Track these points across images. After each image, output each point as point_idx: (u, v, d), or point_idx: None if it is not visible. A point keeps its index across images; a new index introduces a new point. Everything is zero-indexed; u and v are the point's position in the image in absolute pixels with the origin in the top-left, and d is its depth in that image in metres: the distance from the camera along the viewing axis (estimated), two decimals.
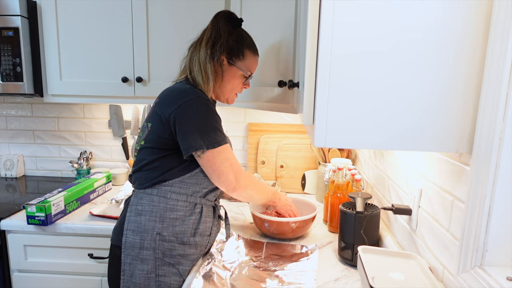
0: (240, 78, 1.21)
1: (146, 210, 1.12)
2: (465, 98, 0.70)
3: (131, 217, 1.13)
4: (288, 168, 1.93)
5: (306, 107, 0.77)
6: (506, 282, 0.65)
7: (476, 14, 0.67)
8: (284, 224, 1.29)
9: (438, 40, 0.68)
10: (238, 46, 1.17)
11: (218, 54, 1.14)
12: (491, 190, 0.68)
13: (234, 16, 1.19)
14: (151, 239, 1.10)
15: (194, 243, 1.15)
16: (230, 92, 1.23)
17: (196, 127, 1.07)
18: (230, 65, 1.17)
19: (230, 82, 1.20)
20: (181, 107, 1.07)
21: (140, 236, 1.10)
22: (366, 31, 0.69)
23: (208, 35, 1.15)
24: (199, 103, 1.08)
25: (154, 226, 1.11)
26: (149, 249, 1.10)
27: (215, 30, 1.15)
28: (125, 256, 1.11)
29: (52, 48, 1.64)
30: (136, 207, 1.13)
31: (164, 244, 1.11)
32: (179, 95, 1.09)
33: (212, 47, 1.14)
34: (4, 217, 1.51)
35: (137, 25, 1.61)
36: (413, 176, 1.06)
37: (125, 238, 1.11)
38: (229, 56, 1.16)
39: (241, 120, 2.03)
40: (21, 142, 2.14)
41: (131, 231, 1.11)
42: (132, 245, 1.10)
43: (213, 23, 1.16)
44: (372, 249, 0.97)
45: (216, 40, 1.14)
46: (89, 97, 1.70)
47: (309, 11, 0.74)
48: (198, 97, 1.08)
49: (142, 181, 1.15)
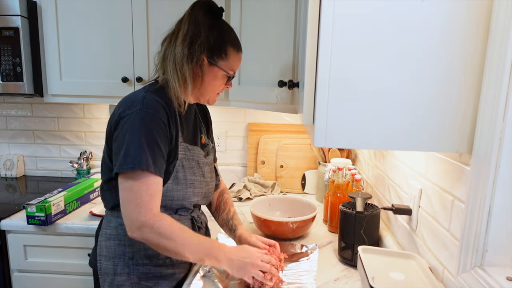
0: (222, 78, 1.05)
1: (114, 234, 1.03)
2: (465, 98, 0.70)
3: (102, 242, 1.05)
4: (288, 168, 1.93)
5: (306, 107, 0.77)
6: (506, 282, 0.65)
7: (476, 14, 0.67)
8: (284, 224, 1.29)
9: (438, 40, 0.68)
10: (220, 43, 1.01)
11: (197, 54, 0.98)
12: (491, 190, 0.68)
13: (214, 6, 1.02)
14: (124, 264, 1.02)
15: (171, 263, 1.05)
16: (211, 94, 1.08)
17: (123, 142, 0.92)
18: (211, 66, 1.02)
19: (210, 83, 1.04)
20: (121, 121, 0.94)
21: (112, 262, 1.03)
22: (366, 31, 0.69)
23: (185, 30, 0.98)
24: (136, 116, 0.92)
25: (125, 251, 1.02)
26: (123, 274, 1.02)
27: (192, 24, 0.98)
28: (103, 282, 1.04)
29: (52, 48, 1.64)
30: (105, 231, 1.05)
31: (139, 268, 1.02)
32: (123, 107, 0.96)
33: (190, 46, 0.97)
34: (4, 217, 1.51)
35: (137, 25, 1.60)
36: (413, 176, 1.05)
37: (99, 265, 1.04)
38: (210, 56, 1.00)
39: (241, 120, 2.03)
40: (21, 142, 2.14)
41: (103, 257, 1.04)
42: (106, 272, 1.03)
43: (190, 15, 0.99)
44: (372, 249, 0.97)
45: (195, 37, 0.98)
46: (89, 97, 1.70)
47: (309, 11, 0.74)
48: (140, 109, 0.93)
49: (107, 201, 1.05)
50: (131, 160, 0.89)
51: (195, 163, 1.07)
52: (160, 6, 1.59)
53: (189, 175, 1.05)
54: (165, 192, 0.99)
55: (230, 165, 2.05)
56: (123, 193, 0.92)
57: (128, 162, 0.89)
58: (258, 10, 1.38)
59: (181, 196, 1.04)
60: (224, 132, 2.03)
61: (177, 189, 1.02)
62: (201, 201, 1.13)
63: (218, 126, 2.02)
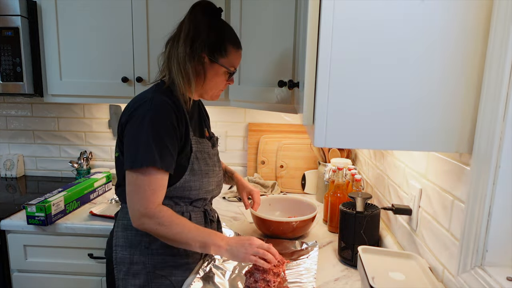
0: (224, 75, 1.12)
1: (131, 224, 1.04)
2: (465, 98, 0.70)
3: (119, 232, 1.10)
4: (288, 168, 1.93)
5: (306, 107, 0.77)
6: (506, 282, 0.65)
7: (476, 14, 0.67)
8: (284, 224, 1.29)
9: (438, 40, 0.68)
10: (219, 41, 1.07)
11: (198, 52, 1.04)
12: (491, 190, 0.68)
13: (213, 7, 1.08)
14: (140, 253, 1.07)
15: (185, 253, 1.10)
16: (213, 90, 1.14)
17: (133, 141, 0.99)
18: (212, 63, 1.08)
19: (212, 80, 1.11)
20: (131, 121, 1.00)
21: (129, 251, 1.07)
22: (366, 31, 0.69)
23: (186, 31, 1.04)
24: (145, 117, 0.98)
25: (142, 240, 1.07)
26: (139, 263, 1.07)
27: (193, 24, 1.04)
28: (118, 272, 1.09)
29: (52, 48, 1.64)
30: (123, 222, 1.10)
31: (154, 257, 1.07)
32: (133, 108, 1.02)
33: (191, 45, 1.04)
34: (4, 217, 1.51)
35: (137, 25, 1.60)
36: (413, 176, 1.05)
37: (115, 254, 1.09)
38: (210, 54, 1.06)
39: (241, 120, 2.03)
40: (21, 142, 2.14)
41: (120, 247, 1.08)
42: (122, 260, 1.08)
43: (190, 16, 1.05)
44: (372, 249, 0.97)
45: (195, 37, 1.04)
46: (89, 97, 1.70)
47: (309, 11, 0.74)
48: (148, 109, 0.99)
49: (123, 196, 1.07)
50: (140, 158, 0.97)
51: (206, 154, 1.14)
52: (160, 6, 1.59)
53: (203, 165, 1.11)
54: (183, 183, 1.07)
55: (230, 165, 2.05)
56: (129, 187, 0.99)
57: (137, 160, 0.97)
58: (258, 10, 1.38)
59: (198, 186, 1.10)
60: (224, 132, 2.03)
61: (194, 179, 1.09)
62: (215, 190, 1.19)
63: (218, 126, 2.03)
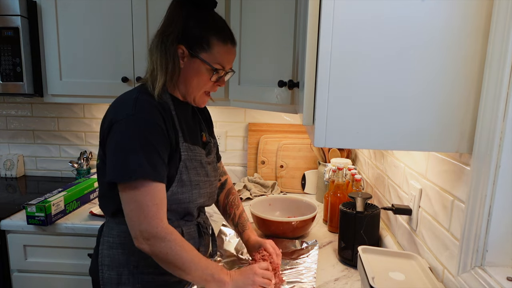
0: (207, 73, 0.98)
1: (117, 242, 0.99)
2: (465, 98, 0.70)
3: (104, 251, 1.01)
4: (288, 168, 1.93)
5: (306, 107, 0.77)
6: (506, 282, 0.65)
7: (476, 14, 0.67)
8: (284, 224, 1.29)
9: (438, 40, 0.68)
10: (199, 33, 0.94)
11: (169, 43, 0.93)
12: (491, 190, 0.68)
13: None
14: (128, 273, 0.99)
15: None
16: (196, 91, 1.00)
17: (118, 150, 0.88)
18: (193, 58, 0.96)
19: (194, 78, 0.97)
20: (113, 127, 0.90)
21: (116, 272, 0.99)
22: (366, 31, 0.69)
23: (162, 21, 0.97)
24: (130, 121, 0.89)
25: (129, 260, 0.98)
26: (127, 284, 0.99)
27: (168, 14, 0.96)
28: None
29: (52, 48, 1.64)
30: (108, 239, 1.01)
31: (143, 277, 0.99)
32: (115, 111, 0.94)
33: (162, 35, 0.94)
34: (4, 217, 1.51)
35: (137, 25, 1.60)
36: (413, 176, 1.05)
37: (102, 274, 1.00)
38: (189, 46, 0.95)
39: (241, 120, 2.03)
40: (21, 142, 2.14)
41: (106, 266, 1.00)
42: (109, 281, 1.00)
43: (170, 6, 0.97)
44: (372, 249, 0.97)
45: (167, 27, 0.95)
46: (89, 97, 1.69)
47: (309, 11, 0.74)
48: (133, 113, 0.89)
49: (107, 207, 1.01)
50: (130, 169, 0.86)
51: (198, 163, 1.03)
52: (160, 6, 1.58)
53: (193, 176, 1.01)
54: (171, 196, 0.96)
55: (230, 165, 2.05)
56: (128, 205, 0.88)
57: (127, 171, 0.86)
58: (258, 10, 1.38)
59: (187, 199, 1.00)
60: (224, 132, 2.03)
61: (183, 191, 0.99)
62: (207, 202, 1.09)
63: (218, 126, 2.02)
